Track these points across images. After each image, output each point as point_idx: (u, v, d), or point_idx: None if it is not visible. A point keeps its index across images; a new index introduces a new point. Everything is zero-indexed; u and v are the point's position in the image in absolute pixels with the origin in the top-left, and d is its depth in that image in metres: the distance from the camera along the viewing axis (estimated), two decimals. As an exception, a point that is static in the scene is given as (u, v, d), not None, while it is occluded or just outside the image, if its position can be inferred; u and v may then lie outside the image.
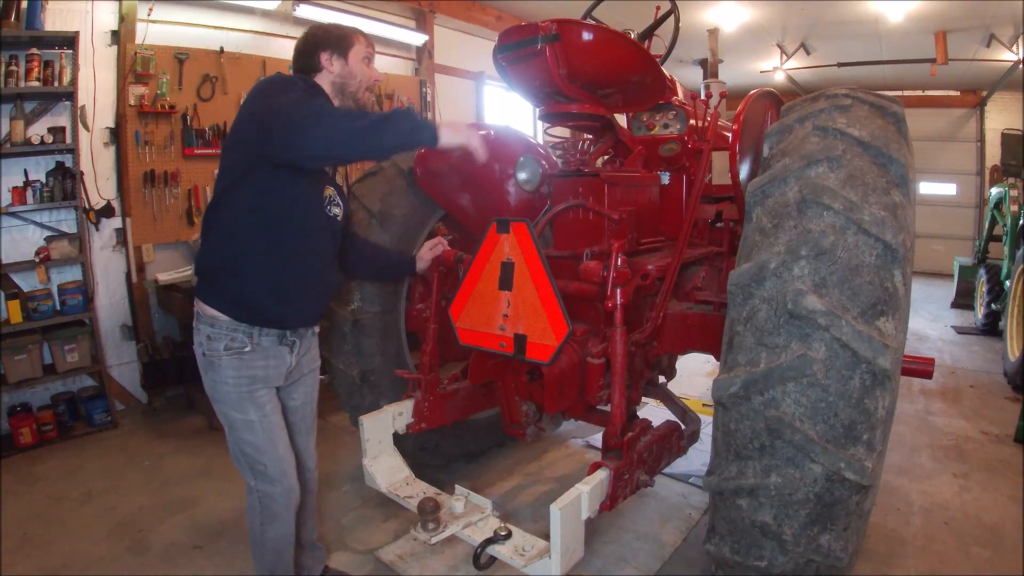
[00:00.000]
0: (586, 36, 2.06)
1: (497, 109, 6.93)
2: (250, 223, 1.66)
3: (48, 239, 3.57)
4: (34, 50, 3.35)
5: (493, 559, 1.75)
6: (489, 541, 1.73)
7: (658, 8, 2.69)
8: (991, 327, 5.61)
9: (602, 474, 1.79)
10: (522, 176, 2.45)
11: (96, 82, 3.74)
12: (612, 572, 2.23)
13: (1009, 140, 6.07)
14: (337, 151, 1.54)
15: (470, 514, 1.86)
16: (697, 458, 2.88)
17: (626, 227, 2.20)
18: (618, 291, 1.78)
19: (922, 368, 1.86)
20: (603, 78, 2.22)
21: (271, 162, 1.59)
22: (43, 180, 3.52)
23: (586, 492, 1.71)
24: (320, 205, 1.79)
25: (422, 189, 2.47)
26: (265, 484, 1.76)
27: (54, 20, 3.55)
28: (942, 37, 6.70)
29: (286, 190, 1.66)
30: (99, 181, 3.81)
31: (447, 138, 1.62)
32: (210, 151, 4.23)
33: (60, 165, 3.58)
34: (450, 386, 2.39)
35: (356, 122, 1.49)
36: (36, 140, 3.41)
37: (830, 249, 1.39)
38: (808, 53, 7.62)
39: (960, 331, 5.94)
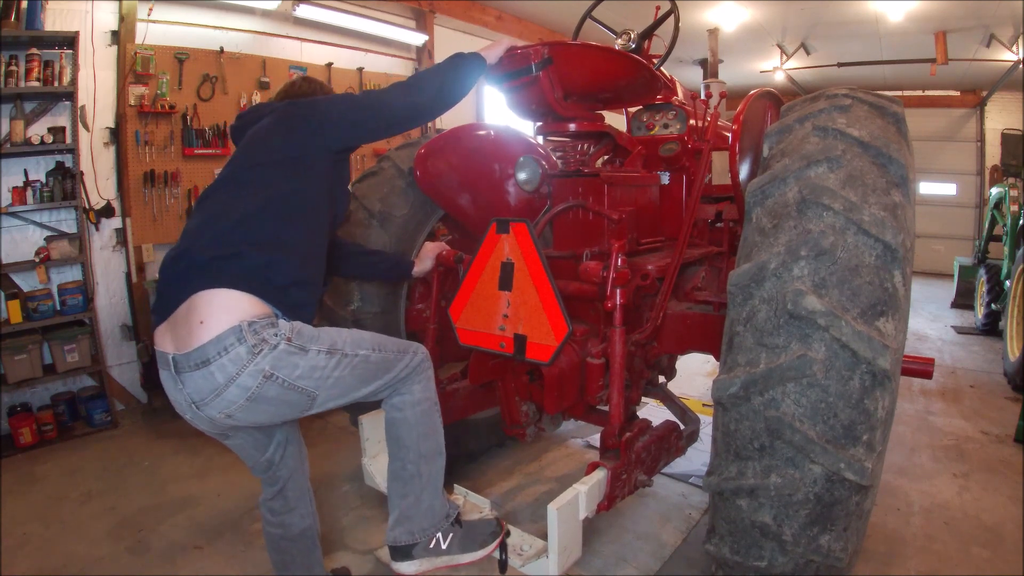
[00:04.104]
0: (576, 55, 2.10)
1: (497, 109, 6.94)
2: (316, 235, 1.63)
3: (48, 239, 3.57)
4: (34, 50, 3.35)
5: (506, 560, 1.76)
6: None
7: (658, 8, 2.69)
8: (991, 327, 5.61)
9: (600, 474, 1.79)
10: (522, 176, 2.45)
11: (96, 82, 3.74)
12: (612, 572, 2.23)
13: (1009, 140, 6.08)
14: (441, 107, 1.76)
15: (469, 513, 1.86)
16: (697, 458, 2.88)
17: (626, 227, 2.20)
18: (618, 291, 1.78)
19: (922, 368, 1.86)
20: (596, 89, 2.27)
21: (334, 157, 1.65)
22: (43, 180, 3.52)
23: (583, 492, 1.71)
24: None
25: (422, 189, 2.47)
26: (412, 359, 1.69)
27: (54, 20, 3.55)
28: (942, 37, 6.70)
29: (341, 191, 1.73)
30: (99, 181, 3.81)
31: (491, 58, 1.89)
32: (210, 151, 4.24)
33: (60, 165, 3.58)
34: (450, 386, 2.38)
35: (435, 81, 1.73)
36: (36, 140, 3.42)
37: (830, 249, 1.39)
38: (808, 53, 7.62)
39: (960, 331, 5.94)
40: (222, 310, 1.40)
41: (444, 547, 1.70)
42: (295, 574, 1.86)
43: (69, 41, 3.46)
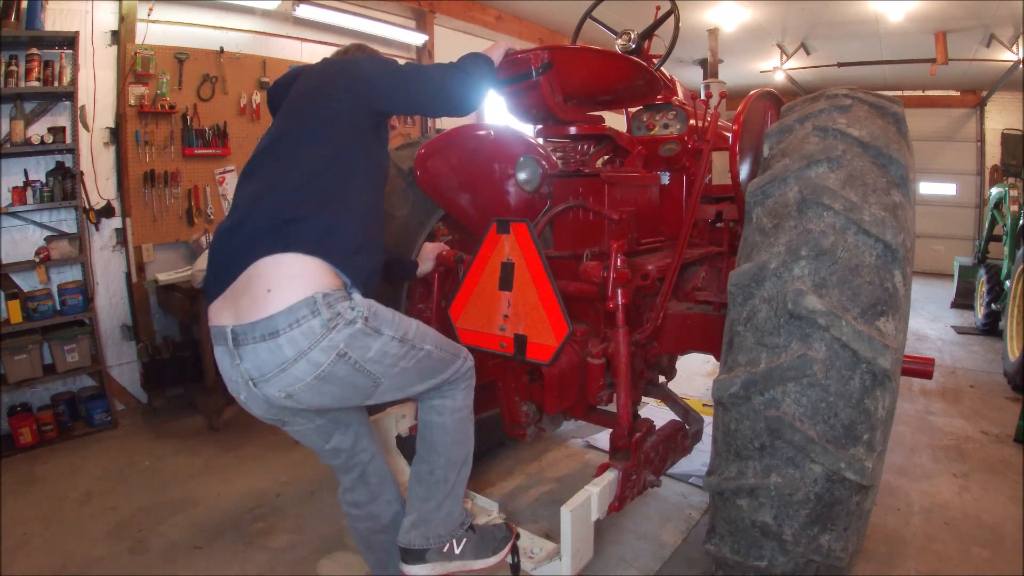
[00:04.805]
0: (576, 59, 2.10)
1: (497, 109, 6.93)
2: (374, 198, 1.60)
3: (48, 239, 3.57)
4: (34, 50, 3.35)
5: (518, 563, 1.76)
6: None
7: (658, 8, 2.69)
8: (991, 327, 5.61)
9: (610, 475, 1.79)
10: (522, 176, 2.45)
11: (96, 82, 3.74)
12: (612, 572, 2.23)
13: (1009, 140, 6.07)
14: (467, 106, 1.77)
15: (477, 516, 1.86)
16: (697, 458, 2.88)
17: (626, 227, 2.20)
18: (619, 291, 1.78)
19: (922, 368, 1.86)
20: (596, 92, 2.27)
21: (374, 119, 1.61)
22: (43, 180, 3.52)
23: (595, 493, 1.71)
24: None
25: (422, 189, 2.47)
26: (463, 364, 1.67)
27: (54, 20, 3.55)
28: (942, 37, 6.71)
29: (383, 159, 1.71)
30: (99, 181, 3.81)
31: (496, 59, 1.91)
32: (210, 151, 4.24)
33: (60, 165, 3.57)
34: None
35: (468, 82, 1.74)
36: (36, 140, 3.41)
37: (830, 249, 1.39)
38: (808, 53, 7.62)
39: (960, 331, 5.94)
40: (292, 278, 1.33)
41: (457, 552, 1.69)
42: (396, 568, 1.75)
43: (69, 41, 3.46)
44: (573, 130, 2.26)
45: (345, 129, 1.52)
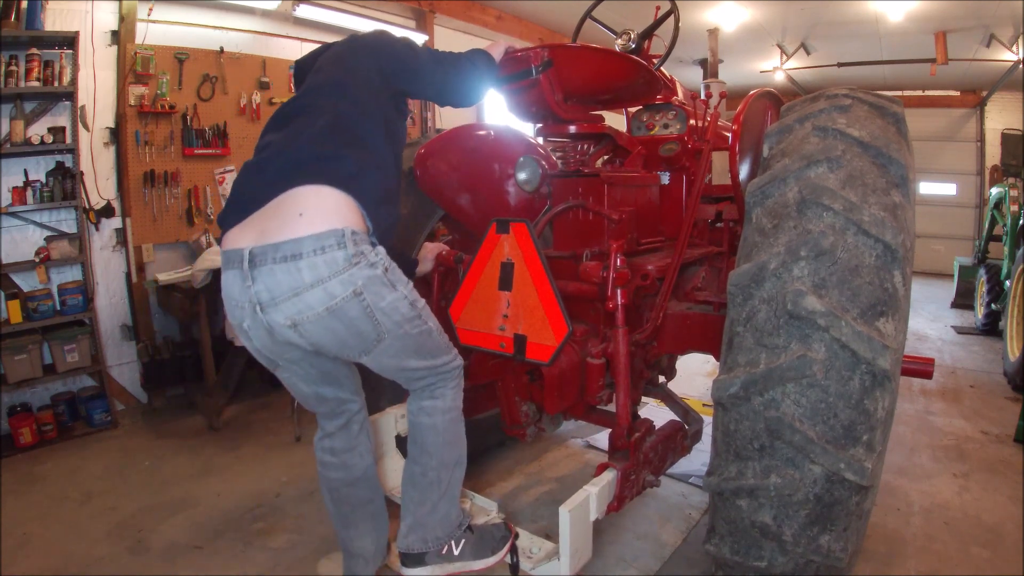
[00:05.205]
0: (576, 57, 2.10)
1: (497, 109, 6.94)
2: (396, 161, 1.66)
3: (48, 239, 3.57)
4: (34, 50, 3.35)
5: (517, 563, 1.76)
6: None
7: (658, 8, 2.69)
8: (991, 327, 5.60)
9: (609, 475, 1.79)
10: (522, 176, 2.45)
11: (96, 82, 3.74)
12: (612, 572, 2.23)
13: (1009, 140, 6.08)
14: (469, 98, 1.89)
15: (476, 516, 1.86)
16: (697, 458, 2.88)
17: (626, 227, 2.20)
18: (619, 291, 1.78)
19: (922, 368, 1.86)
20: (596, 91, 2.27)
21: (392, 90, 1.68)
22: (43, 180, 3.52)
23: (594, 493, 1.71)
24: None
25: (422, 189, 2.47)
26: (454, 360, 1.70)
27: (54, 20, 3.55)
28: (942, 37, 6.70)
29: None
30: (99, 181, 3.81)
31: (499, 55, 1.97)
32: (210, 151, 4.23)
33: (60, 165, 3.57)
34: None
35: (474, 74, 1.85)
36: (36, 140, 3.41)
37: (830, 250, 1.39)
38: (808, 53, 7.62)
39: (960, 331, 5.94)
40: (327, 209, 1.36)
41: (456, 553, 1.70)
42: (358, 528, 1.77)
43: (69, 41, 3.46)
44: (573, 129, 2.26)
45: (372, 90, 1.60)
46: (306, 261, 1.33)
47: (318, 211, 1.36)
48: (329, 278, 1.34)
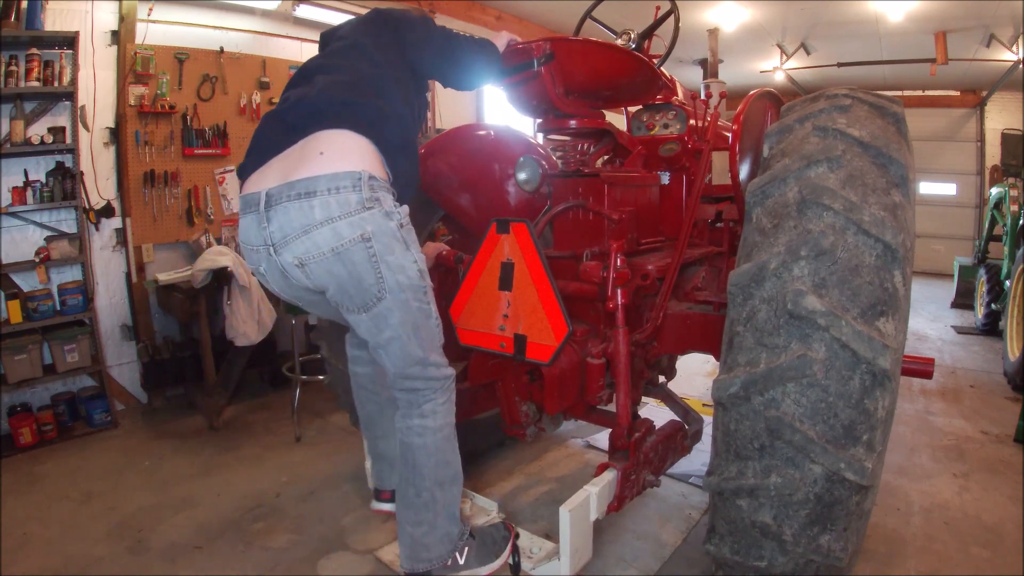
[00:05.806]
0: (578, 51, 2.09)
1: (497, 109, 6.93)
2: (414, 120, 1.70)
3: (48, 239, 3.57)
4: (34, 50, 3.35)
5: (518, 563, 1.76)
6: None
7: (658, 8, 2.69)
8: (991, 327, 5.60)
9: (609, 475, 1.79)
10: (522, 176, 2.45)
11: (96, 82, 3.74)
12: (612, 572, 2.23)
13: (1009, 140, 6.08)
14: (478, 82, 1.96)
15: (476, 516, 1.86)
16: (697, 458, 2.88)
17: (626, 227, 2.20)
18: (619, 291, 1.78)
19: (922, 368, 1.86)
20: (597, 87, 2.26)
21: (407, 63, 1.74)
22: (43, 180, 3.52)
23: (595, 493, 1.72)
24: None
25: (422, 189, 2.47)
26: (446, 369, 1.66)
27: (54, 20, 3.55)
28: (942, 37, 6.70)
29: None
30: (99, 181, 3.81)
31: (502, 47, 1.99)
32: (210, 151, 4.23)
33: (60, 165, 3.57)
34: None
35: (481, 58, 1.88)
36: (36, 140, 3.41)
37: (830, 249, 1.39)
38: (808, 53, 7.62)
39: (960, 331, 5.94)
40: (347, 151, 1.38)
41: (462, 563, 1.68)
42: (383, 427, 1.78)
43: (69, 41, 3.46)
44: (574, 123, 2.25)
45: (391, 57, 1.64)
46: (319, 199, 1.34)
47: (339, 151, 1.38)
48: (340, 218, 1.35)
